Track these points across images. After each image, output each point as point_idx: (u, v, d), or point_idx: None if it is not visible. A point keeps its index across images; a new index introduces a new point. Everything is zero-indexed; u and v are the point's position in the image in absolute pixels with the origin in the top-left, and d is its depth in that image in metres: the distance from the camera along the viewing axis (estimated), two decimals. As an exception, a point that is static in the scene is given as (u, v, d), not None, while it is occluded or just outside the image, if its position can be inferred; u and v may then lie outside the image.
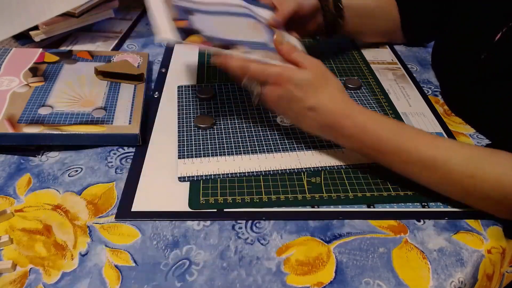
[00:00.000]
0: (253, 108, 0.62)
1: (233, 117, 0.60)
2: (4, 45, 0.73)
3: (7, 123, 0.53)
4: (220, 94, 0.65)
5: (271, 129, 0.59)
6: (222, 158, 0.53)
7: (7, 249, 0.43)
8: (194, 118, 0.59)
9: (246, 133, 0.58)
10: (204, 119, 0.58)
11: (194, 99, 0.63)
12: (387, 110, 0.64)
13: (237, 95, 0.65)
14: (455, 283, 0.42)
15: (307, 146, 0.56)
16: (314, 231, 0.46)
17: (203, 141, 0.56)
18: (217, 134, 0.57)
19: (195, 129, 0.58)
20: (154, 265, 0.42)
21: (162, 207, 0.47)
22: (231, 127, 0.58)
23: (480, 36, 0.60)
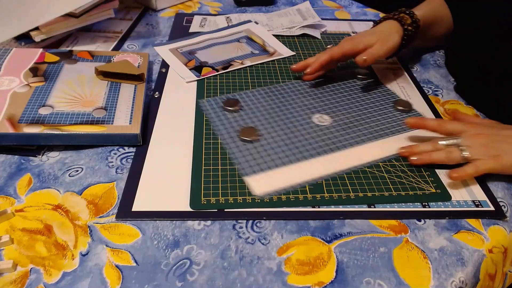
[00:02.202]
0: (282, 112, 0.62)
1: (269, 125, 0.59)
2: (5, 45, 0.73)
3: (7, 123, 0.53)
4: (245, 104, 0.63)
5: (312, 129, 0.58)
6: (287, 168, 0.52)
7: (8, 249, 0.43)
8: (231, 132, 0.57)
9: (293, 138, 0.56)
10: (249, 132, 0.56)
11: (221, 112, 0.61)
12: (387, 110, 0.64)
13: (259, 102, 0.64)
14: (456, 283, 0.42)
15: (361, 139, 0.57)
16: (314, 231, 0.46)
17: (258, 154, 0.54)
18: (264, 145, 0.55)
19: (243, 144, 0.55)
20: (154, 265, 0.42)
21: (162, 207, 0.47)
22: (274, 135, 0.57)
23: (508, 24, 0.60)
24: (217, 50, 0.78)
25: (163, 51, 0.77)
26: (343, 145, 0.56)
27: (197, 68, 0.72)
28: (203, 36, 0.82)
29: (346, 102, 0.65)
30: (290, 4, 0.99)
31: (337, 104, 0.64)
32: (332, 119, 0.60)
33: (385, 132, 0.59)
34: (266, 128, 0.58)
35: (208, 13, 0.94)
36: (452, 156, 0.52)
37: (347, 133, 0.58)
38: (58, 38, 0.77)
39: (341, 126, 0.59)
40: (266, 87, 0.67)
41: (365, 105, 0.64)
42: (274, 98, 0.64)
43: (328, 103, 0.64)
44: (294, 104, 0.63)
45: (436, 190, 0.51)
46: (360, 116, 0.62)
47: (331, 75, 0.70)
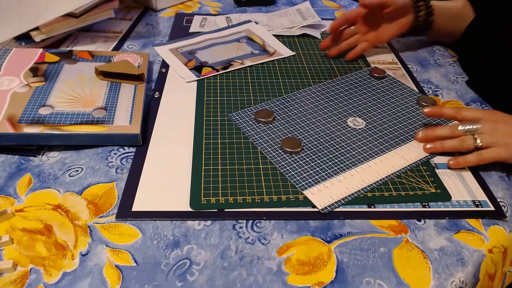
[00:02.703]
0: (316, 118, 0.61)
1: (307, 133, 0.58)
2: (5, 45, 0.73)
3: (7, 123, 0.53)
4: (276, 113, 0.62)
5: (350, 134, 0.58)
6: (340, 177, 0.51)
7: (8, 249, 0.43)
8: (272, 144, 0.56)
9: (334, 145, 0.56)
10: (292, 143, 0.55)
11: (255, 124, 0.59)
12: (387, 110, 0.64)
13: (290, 110, 0.63)
14: (456, 283, 0.42)
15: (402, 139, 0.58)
16: (314, 231, 0.46)
17: (306, 165, 0.52)
18: (310, 155, 0.54)
19: (287, 155, 0.54)
20: (154, 265, 0.42)
21: (162, 207, 0.47)
22: (315, 143, 0.56)
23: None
24: (217, 50, 0.78)
25: (163, 51, 0.77)
26: (385, 147, 0.56)
27: (197, 68, 0.72)
28: (203, 36, 0.82)
29: (373, 103, 0.65)
30: (290, 4, 1.00)
31: (364, 105, 0.64)
32: (365, 122, 0.60)
33: (416, 131, 0.58)
34: (306, 136, 0.57)
35: (208, 13, 0.94)
36: (465, 144, 0.52)
37: (384, 135, 0.58)
38: (58, 38, 0.77)
39: (376, 128, 0.59)
40: (293, 94, 0.66)
41: (392, 104, 0.65)
42: (304, 104, 0.64)
43: (356, 105, 0.64)
44: (325, 109, 0.63)
45: (436, 190, 0.51)
46: (390, 116, 0.62)
47: (344, 79, 0.70)
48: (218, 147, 0.55)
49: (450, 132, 0.54)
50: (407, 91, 0.68)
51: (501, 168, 0.55)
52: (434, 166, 0.54)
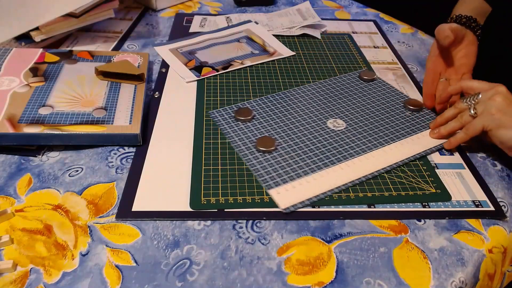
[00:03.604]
0: (296, 119, 0.60)
1: (284, 133, 0.58)
2: (5, 45, 0.73)
3: (7, 123, 0.53)
4: (256, 112, 0.61)
5: (328, 135, 0.57)
6: (309, 178, 0.50)
7: (8, 249, 0.43)
8: (247, 142, 0.55)
9: (310, 145, 0.55)
10: (266, 142, 0.55)
11: (233, 122, 0.59)
12: (387, 110, 0.64)
13: (271, 109, 0.62)
14: (456, 283, 0.42)
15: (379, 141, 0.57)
16: (314, 231, 0.46)
17: (277, 165, 0.52)
18: (283, 154, 0.54)
19: (260, 154, 0.54)
20: (154, 265, 0.42)
21: (162, 207, 0.47)
22: (291, 143, 0.56)
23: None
24: (217, 50, 0.78)
25: (163, 51, 0.77)
26: (362, 149, 0.55)
27: (197, 68, 0.72)
28: (203, 36, 0.82)
29: (357, 105, 0.64)
30: (290, 4, 1.00)
31: (348, 107, 0.63)
32: (346, 123, 0.60)
33: (400, 133, 0.58)
34: (282, 136, 0.57)
35: (208, 13, 0.94)
36: (463, 119, 0.53)
37: (364, 137, 0.57)
38: (58, 38, 0.77)
39: (356, 130, 0.59)
40: (276, 94, 0.66)
41: (376, 107, 0.64)
42: (286, 104, 0.64)
43: (339, 107, 0.63)
44: (306, 110, 0.63)
45: (436, 190, 0.51)
46: (373, 118, 0.61)
47: (332, 81, 0.70)
48: (218, 147, 0.55)
49: (455, 109, 0.55)
50: (394, 94, 0.67)
51: (501, 168, 0.55)
52: (434, 166, 0.54)
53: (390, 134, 0.58)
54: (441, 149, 0.57)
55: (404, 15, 0.98)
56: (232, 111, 0.62)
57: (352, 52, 0.80)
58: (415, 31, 0.91)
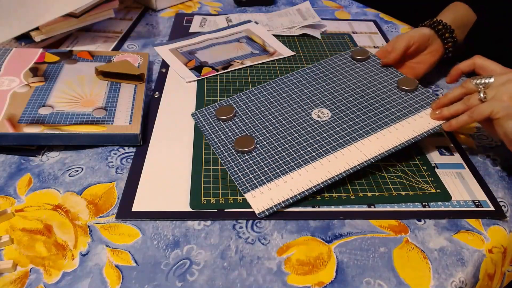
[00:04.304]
0: (279, 112, 0.58)
1: (266, 129, 0.56)
2: (5, 45, 0.73)
3: (7, 123, 0.53)
4: (239, 109, 0.60)
5: (312, 127, 0.55)
6: (287, 177, 0.49)
7: (8, 249, 0.43)
8: (227, 143, 0.54)
9: (293, 140, 0.54)
10: (245, 142, 0.53)
11: (215, 122, 0.57)
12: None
13: (254, 104, 0.60)
14: (456, 283, 0.42)
15: (359, 135, 0.54)
16: (314, 231, 0.46)
17: (255, 165, 0.51)
18: (262, 154, 0.52)
19: (239, 155, 0.52)
20: (154, 265, 0.42)
21: (162, 207, 0.47)
22: (272, 140, 0.54)
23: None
24: (217, 50, 0.78)
25: (163, 51, 0.77)
26: (346, 140, 0.52)
27: (197, 68, 0.72)
28: (203, 36, 0.82)
29: (346, 90, 0.61)
30: (290, 4, 0.99)
31: (336, 93, 0.60)
32: (331, 113, 0.57)
33: (392, 117, 0.55)
34: (263, 133, 0.55)
35: (208, 13, 0.94)
36: (469, 102, 0.49)
37: (350, 126, 0.55)
38: (58, 38, 0.77)
39: (342, 119, 0.56)
40: (258, 87, 0.64)
41: (367, 90, 0.60)
42: (269, 97, 0.61)
43: (327, 94, 0.60)
44: (291, 101, 0.60)
45: (436, 190, 0.51)
46: (362, 103, 0.58)
47: (323, 64, 0.68)
48: (218, 147, 0.55)
49: (462, 89, 0.51)
50: (388, 73, 0.63)
51: (501, 168, 0.55)
52: (434, 166, 0.54)
53: (381, 119, 0.55)
54: (439, 131, 0.53)
55: (404, 15, 0.98)
56: (214, 109, 0.60)
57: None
58: (415, 31, 0.90)
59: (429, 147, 0.57)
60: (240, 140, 0.54)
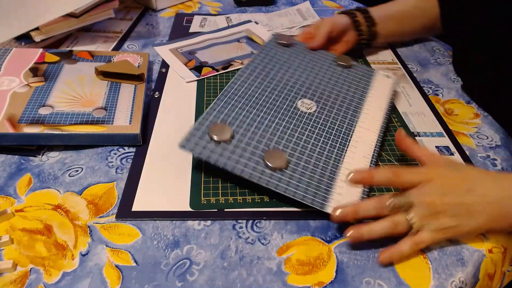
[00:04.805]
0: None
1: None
2: (5, 45, 0.73)
3: (7, 123, 0.53)
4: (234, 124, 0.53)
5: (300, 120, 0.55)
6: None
7: (8, 249, 0.43)
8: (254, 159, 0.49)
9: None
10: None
11: (207, 141, 0.50)
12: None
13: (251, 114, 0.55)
14: (456, 283, 0.42)
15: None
16: (314, 231, 0.46)
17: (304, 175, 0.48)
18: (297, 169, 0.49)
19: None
20: (154, 265, 0.42)
21: (162, 207, 0.47)
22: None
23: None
24: (217, 50, 0.78)
25: (163, 51, 0.77)
26: (346, 132, 0.55)
27: (197, 68, 0.72)
28: (203, 36, 0.82)
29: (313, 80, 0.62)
30: (290, 4, 0.99)
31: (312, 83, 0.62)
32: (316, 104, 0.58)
33: (357, 98, 0.60)
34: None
35: (208, 13, 0.94)
36: (398, 229, 0.42)
37: (336, 117, 0.56)
38: (58, 38, 0.77)
39: (328, 111, 0.57)
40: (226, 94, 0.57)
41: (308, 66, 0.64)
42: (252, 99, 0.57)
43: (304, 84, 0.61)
44: (278, 92, 0.58)
45: (436, 190, 0.51)
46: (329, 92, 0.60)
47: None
48: (218, 147, 0.55)
49: (379, 209, 0.43)
50: (319, 53, 0.67)
51: (501, 168, 0.55)
52: (434, 166, 0.54)
53: (351, 103, 0.59)
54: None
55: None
56: (207, 131, 0.50)
57: (352, 52, 0.79)
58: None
59: (429, 147, 0.57)
60: (271, 153, 0.49)
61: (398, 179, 0.43)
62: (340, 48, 0.73)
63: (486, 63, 0.65)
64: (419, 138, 0.59)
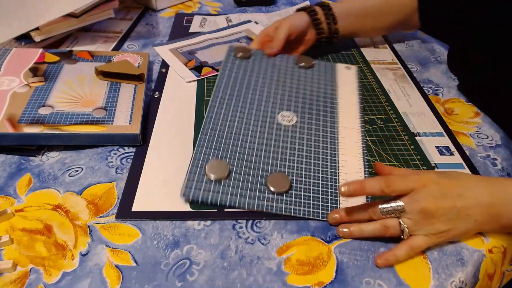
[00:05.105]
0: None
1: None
2: (5, 45, 0.73)
3: (7, 123, 0.53)
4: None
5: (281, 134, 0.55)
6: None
7: (8, 249, 0.43)
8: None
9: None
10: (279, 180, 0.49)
11: (205, 182, 0.48)
12: (387, 110, 0.64)
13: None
14: (456, 283, 0.42)
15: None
16: (314, 231, 0.46)
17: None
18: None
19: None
20: (154, 265, 0.42)
21: (162, 207, 0.47)
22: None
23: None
24: (217, 50, 0.78)
25: (163, 51, 0.77)
26: (333, 136, 0.55)
27: (197, 68, 0.72)
28: (203, 36, 0.82)
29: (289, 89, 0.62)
30: (290, 4, 0.99)
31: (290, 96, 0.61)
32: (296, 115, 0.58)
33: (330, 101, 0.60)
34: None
35: (208, 13, 0.94)
36: (389, 232, 0.43)
37: (318, 126, 0.56)
38: (58, 38, 0.77)
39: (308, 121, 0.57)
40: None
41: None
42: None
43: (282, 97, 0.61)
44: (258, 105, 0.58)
45: (436, 190, 0.51)
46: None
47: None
48: (218, 147, 0.55)
49: (371, 214, 0.44)
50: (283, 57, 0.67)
51: (501, 168, 0.55)
52: (434, 166, 0.54)
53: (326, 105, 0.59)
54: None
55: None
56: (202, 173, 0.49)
57: (352, 52, 0.79)
58: (415, 30, 0.91)
59: (429, 147, 0.57)
60: (272, 178, 0.49)
61: (389, 189, 0.43)
62: (300, 48, 0.71)
63: (486, 63, 0.65)
64: (419, 138, 0.59)
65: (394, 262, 0.43)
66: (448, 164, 0.55)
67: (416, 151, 0.56)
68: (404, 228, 0.43)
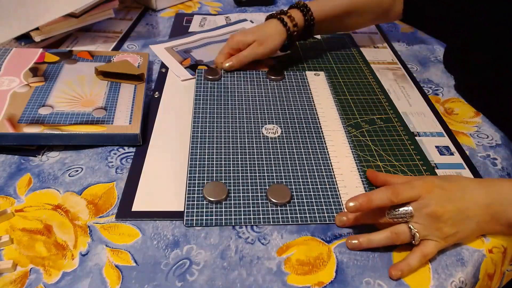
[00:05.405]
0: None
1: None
2: (5, 45, 0.73)
3: (7, 123, 0.53)
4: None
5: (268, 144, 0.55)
6: None
7: (8, 249, 0.43)
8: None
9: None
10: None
11: (202, 203, 0.48)
12: (387, 110, 0.64)
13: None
14: (456, 283, 0.42)
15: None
16: (314, 231, 0.46)
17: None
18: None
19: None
20: (154, 265, 0.42)
21: (162, 207, 0.47)
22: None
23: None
24: (213, 48, 0.78)
25: (158, 49, 0.77)
26: (322, 146, 0.56)
27: (192, 67, 0.72)
28: (199, 34, 0.82)
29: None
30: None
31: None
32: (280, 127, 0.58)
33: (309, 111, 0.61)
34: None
35: (208, 13, 0.94)
36: (400, 238, 0.43)
37: (303, 137, 0.56)
38: (58, 38, 0.77)
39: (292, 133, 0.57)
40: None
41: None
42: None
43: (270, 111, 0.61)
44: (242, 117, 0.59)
45: (436, 190, 0.51)
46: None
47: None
48: (218, 147, 0.55)
49: (377, 219, 0.45)
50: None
51: (501, 168, 0.55)
52: (434, 166, 0.54)
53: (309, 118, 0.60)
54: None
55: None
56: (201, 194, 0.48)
57: (352, 52, 0.79)
58: (415, 30, 0.91)
59: (429, 147, 0.57)
60: (271, 190, 0.49)
61: (398, 198, 0.43)
62: (268, 60, 0.71)
63: (485, 63, 0.65)
64: (419, 138, 0.59)
65: (408, 272, 0.42)
66: (448, 164, 0.55)
67: (416, 151, 0.56)
68: (415, 233, 0.42)
